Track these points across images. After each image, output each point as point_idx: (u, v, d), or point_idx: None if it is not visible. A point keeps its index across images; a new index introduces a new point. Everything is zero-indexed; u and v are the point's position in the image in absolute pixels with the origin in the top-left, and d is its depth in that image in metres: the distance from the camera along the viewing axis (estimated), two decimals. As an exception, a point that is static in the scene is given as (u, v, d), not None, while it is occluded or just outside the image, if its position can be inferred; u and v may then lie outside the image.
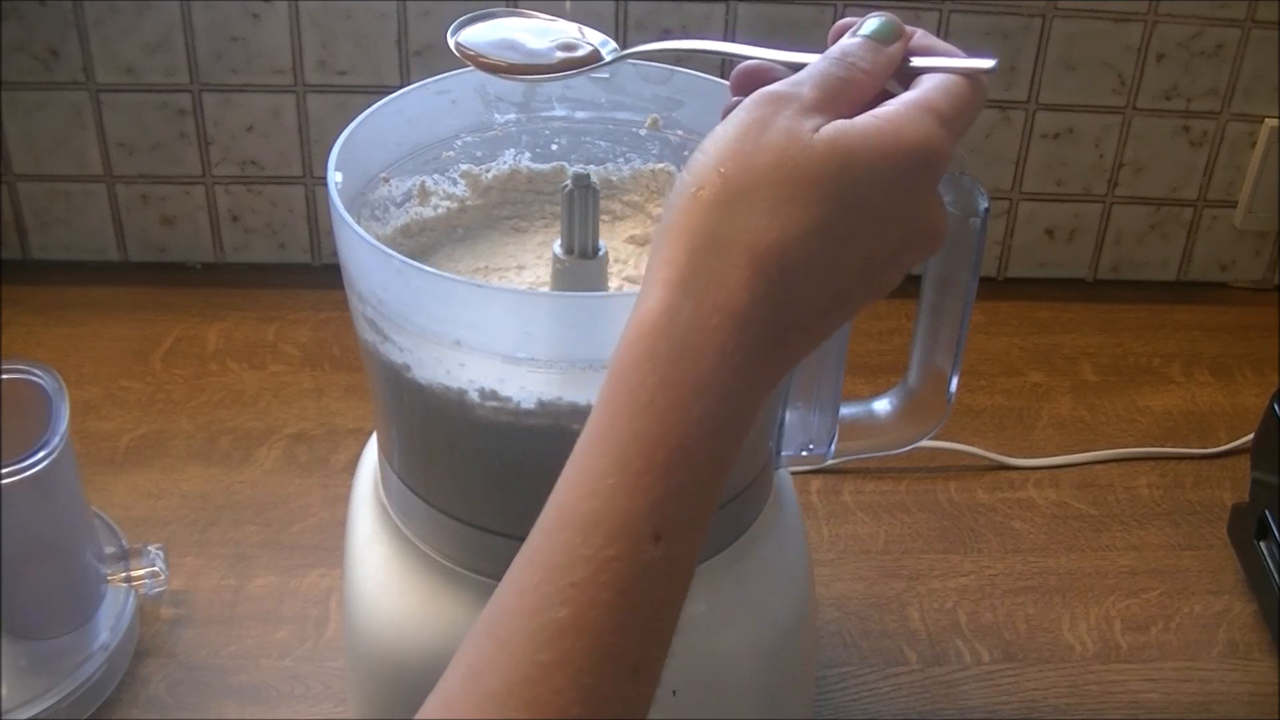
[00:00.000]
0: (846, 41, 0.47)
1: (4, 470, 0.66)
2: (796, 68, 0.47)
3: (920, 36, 0.48)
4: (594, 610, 0.37)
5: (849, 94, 0.44)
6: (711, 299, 0.40)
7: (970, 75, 0.45)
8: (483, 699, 0.37)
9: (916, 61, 0.47)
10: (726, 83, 0.63)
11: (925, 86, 0.45)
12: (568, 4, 0.51)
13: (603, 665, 0.37)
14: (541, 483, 0.41)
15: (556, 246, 0.57)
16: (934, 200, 0.45)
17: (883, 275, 0.44)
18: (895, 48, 0.46)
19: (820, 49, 0.48)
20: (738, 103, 0.46)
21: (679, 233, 0.41)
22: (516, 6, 0.70)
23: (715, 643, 0.59)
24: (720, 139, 0.43)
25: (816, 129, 0.42)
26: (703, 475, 0.39)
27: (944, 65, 0.46)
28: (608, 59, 0.56)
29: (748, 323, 0.40)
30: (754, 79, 0.48)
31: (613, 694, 0.37)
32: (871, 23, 0.47)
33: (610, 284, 0.59)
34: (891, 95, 0.46)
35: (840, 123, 0.43)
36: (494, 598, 0.39)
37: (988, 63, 0.46)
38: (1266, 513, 0.81)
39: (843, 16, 1.01)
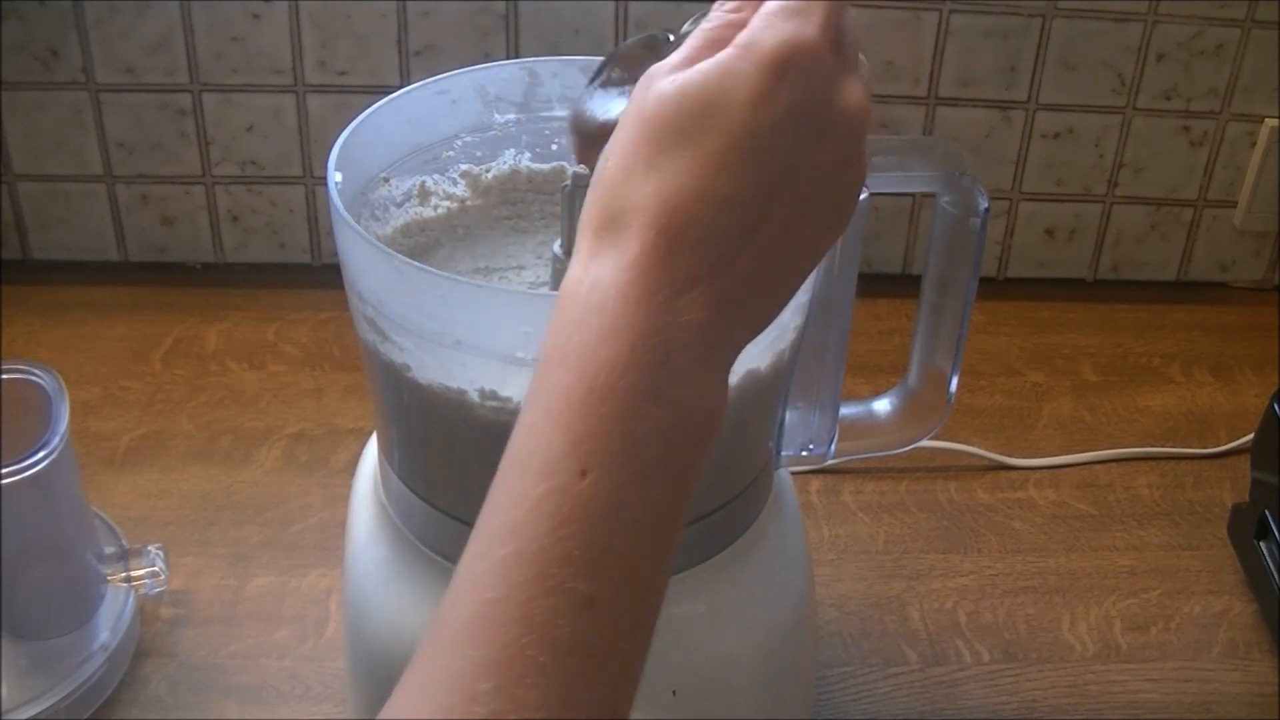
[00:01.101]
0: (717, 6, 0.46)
1: (4, 470, 0.66)
2: None
3: None
4: (533, 543, 0.38)
5: (722, 40, 0.43)
6: (613, 260, 0.41)
7: None
8: (440, 644, 0.38)
9: None
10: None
11: None
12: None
13: (550, 598, 0.37)
14: (541, 483, 0.41)
15: (556, 246, 0.57)
16: (832, 95, 0.42)
17: (823, 200, 0.43)
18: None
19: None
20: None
21: (586, 214, 0.43)
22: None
23: (715, 643, 0.59)
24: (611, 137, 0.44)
25: (671, 78, 0.42)
26: (624, 408, 0.39)
27: None
28: None
29: (648, 272, 0.40)
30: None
31: (568, 629, 0.37)
32: None
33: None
34: None
35: (693, 67, 0.42)
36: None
37: None
38: (1266, 513, 0.81)
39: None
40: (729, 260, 0.41)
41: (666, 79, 0.42)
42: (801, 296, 0.56)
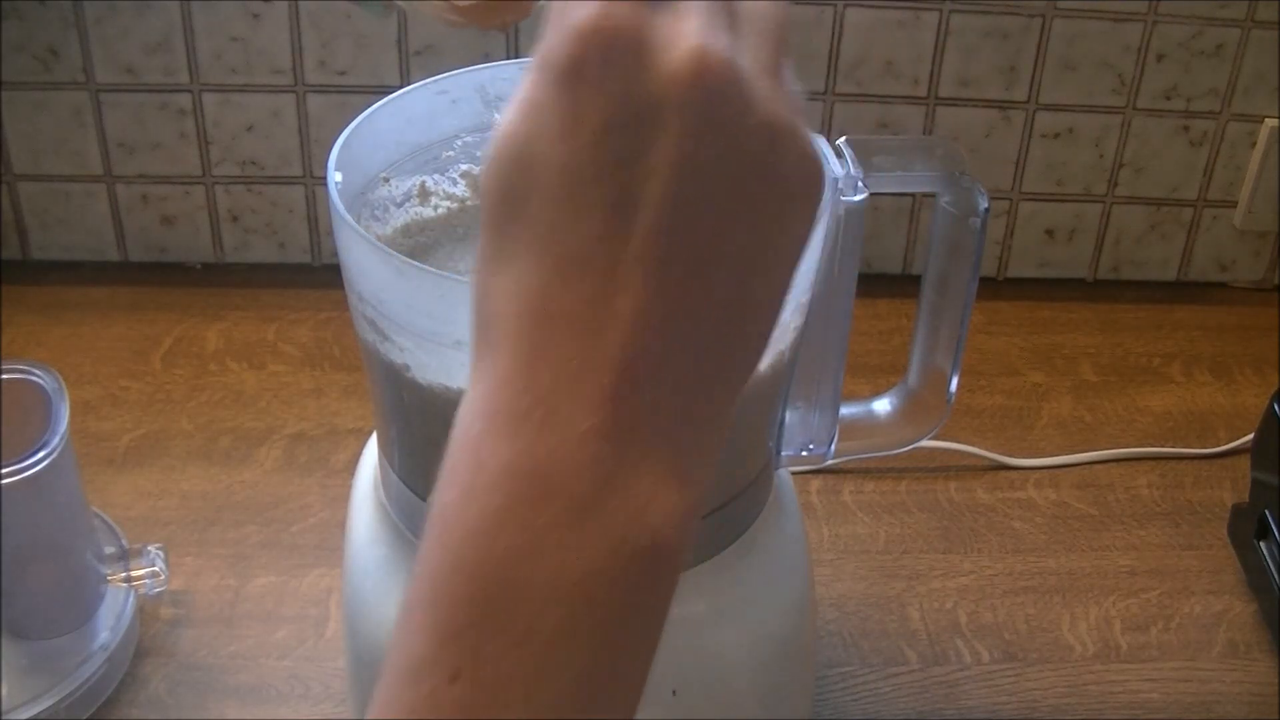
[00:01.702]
0: None
1: (4, 470, 0.66)
2: None
3: None
4: None
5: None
6: (482, 384, 0.33)
7: None
8: None
9: None
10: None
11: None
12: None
13: None
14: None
15: (556, 246, 0.57)
16: (664, 69, 0.31)
17: (711, 191, 0.32)
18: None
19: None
20: None
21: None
22: None
23: (715, 643, 0.59)
24: None
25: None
26: (502, 582, 0.31)
27: None
28: None
29: (516, 382, 0.32)
30: None
31: None
32: None
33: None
34: None
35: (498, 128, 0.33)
36: None
37: None
38: (1266, 513, 0.81)
39: (842, 17, 1.01)
40: (613, 339, 0.31)
41: (490, 145, 0.33)
42: (801, 296, 0.56)
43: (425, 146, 0.64)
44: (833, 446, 0.64)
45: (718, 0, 0.32)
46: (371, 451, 0.66)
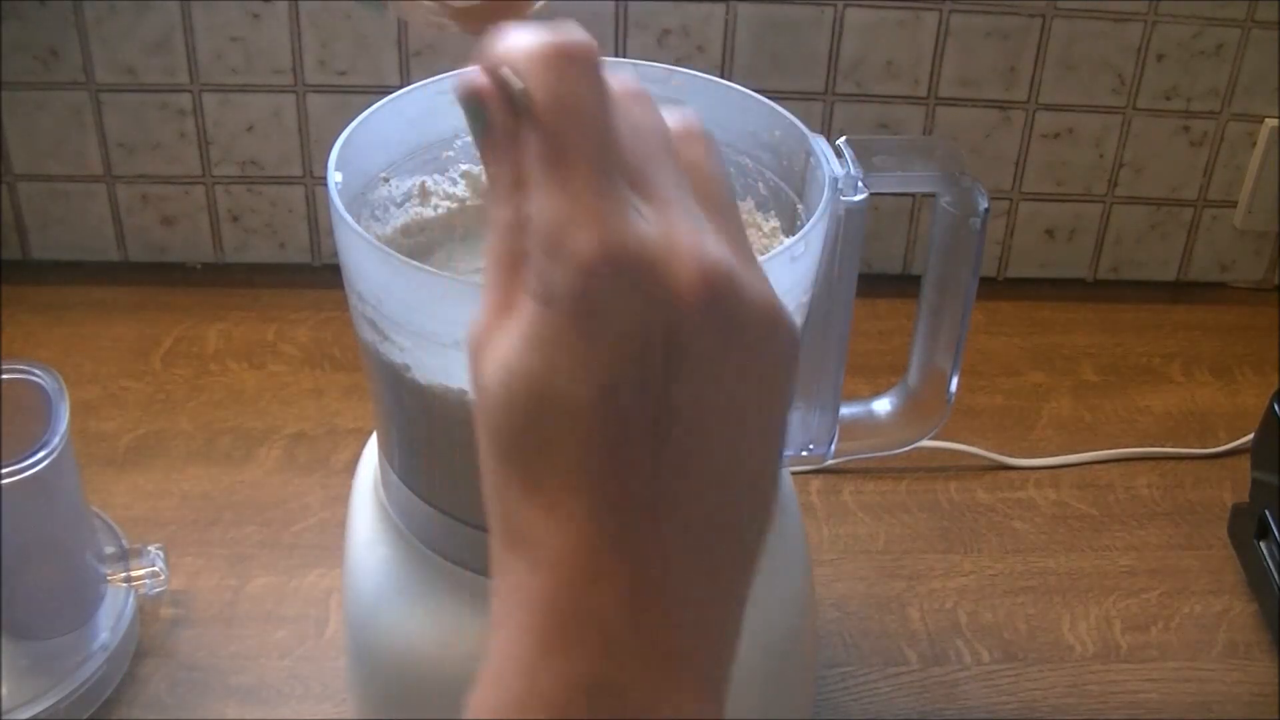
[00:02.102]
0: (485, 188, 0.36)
1: (4, 470, 0.66)
2: None
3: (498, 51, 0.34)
4: None
5: (521, 250, 0.33)
6: (516, 620, 0.33)
7: (546, 105, 0.32)
8: None
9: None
10: (726, 83, 0.63)
11: (532, 197, 0.33)
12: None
13: None
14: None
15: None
16: (674, 294, 0.32)
17: (727, 409, 0.33)
18: (499, 128, 0.34)
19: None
20: None
21: (490, 516, 0.36)
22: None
23: (715, 643, 0.59)
24: None
25: (484, 374, 0.33)
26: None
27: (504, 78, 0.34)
28: None
29: (551, 622, 0.33)
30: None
31: None
32: (469, 122, 0.35)
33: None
34: None
35: (495, 355, 0.33)
36: None
37: (513, 78, 0.33)
38: (1266, 513, 0.81)
39: (842, 17, 1.01)
40: (659, 563, 0.33)
41: (491, 370, 0.33)
42: (802, 296, 0.56)
43: (425, 146, 0.64)
44: (833, 446, 0.64)
45: (676, 182, 0.33)
46: (371, 451, 0.66)
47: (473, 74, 0.35)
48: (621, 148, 0.33)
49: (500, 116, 0.34)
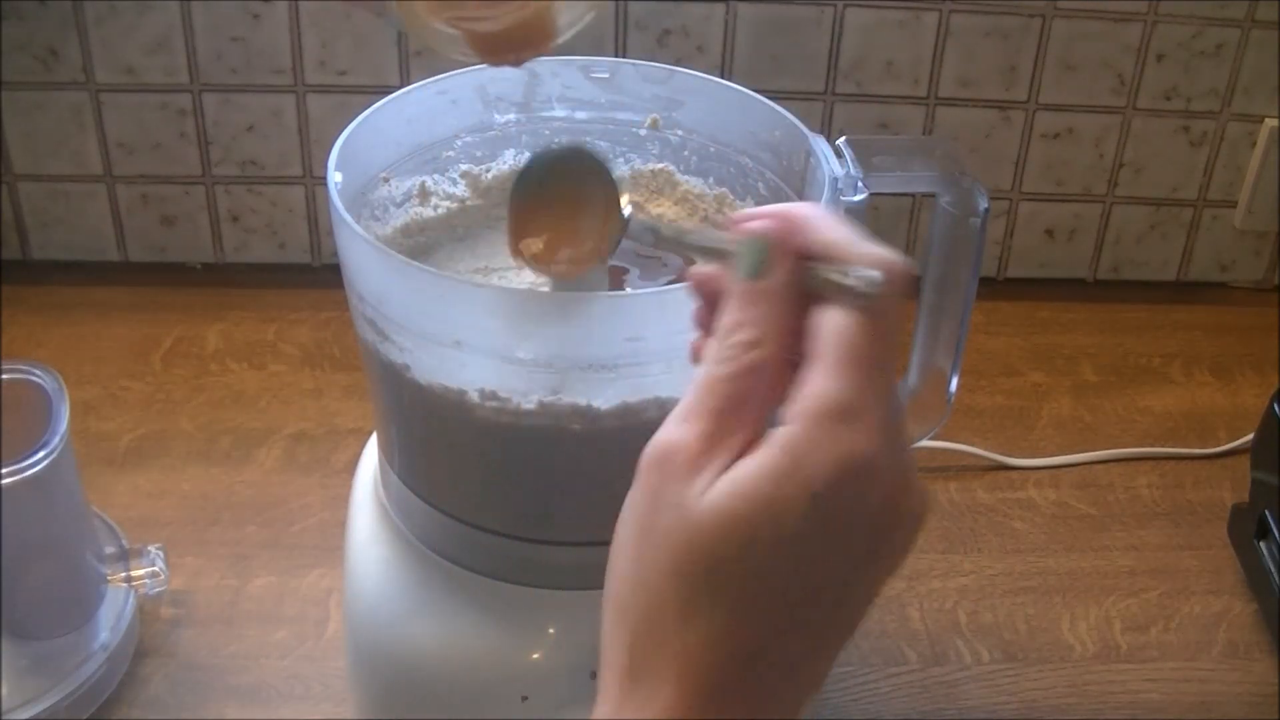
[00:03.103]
0: (721, 326, 0.39)
1: (4, 470, 0.66)
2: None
3: (814, 229, 0.40)
4: None
5: (748, 391, 0.38)
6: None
7: (873, 302, 0.37)
8: None
9: (813, 274, 0.39)
10: (727, 83, 0.63)
11: (818, 367, 0.37)
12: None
13: None
14: (541, 483, 0.41)
15: (556, 246, 0.57)
16: (886, 499, 0.37)
17: (858, 606, 0.39)
18: (775, 283, 0.39)
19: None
20: (696, 311, 0.43)
21: (608, 651, 0.38)
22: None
23: (715, 643, 0.59)
24: (625, 525, 0.39)
25: (704, 489, 0.36)
26: None
27: (834, 279, 0.38)
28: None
29: None
30: (708, 289, 0.42)
31: None
32: (739, 258, 0.39)
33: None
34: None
35: (728, 480, 0.37)
36: None
37: (872, 276, 0.38)
38: (1266, 513, 0.81)
39: (842, 17, 1.01)
40: (757, 697, 0.37)
41: (703, 501, 0.36)
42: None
43: (425, 146, 0.64)
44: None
45: (883, 396, 0.38)
46: (371, 451, 0.66)
47: (767, 223, 0.39)
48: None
49: (785, 275, 0.39)
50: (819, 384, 0.37)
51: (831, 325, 0.38)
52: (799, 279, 0.39)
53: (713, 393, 0.38)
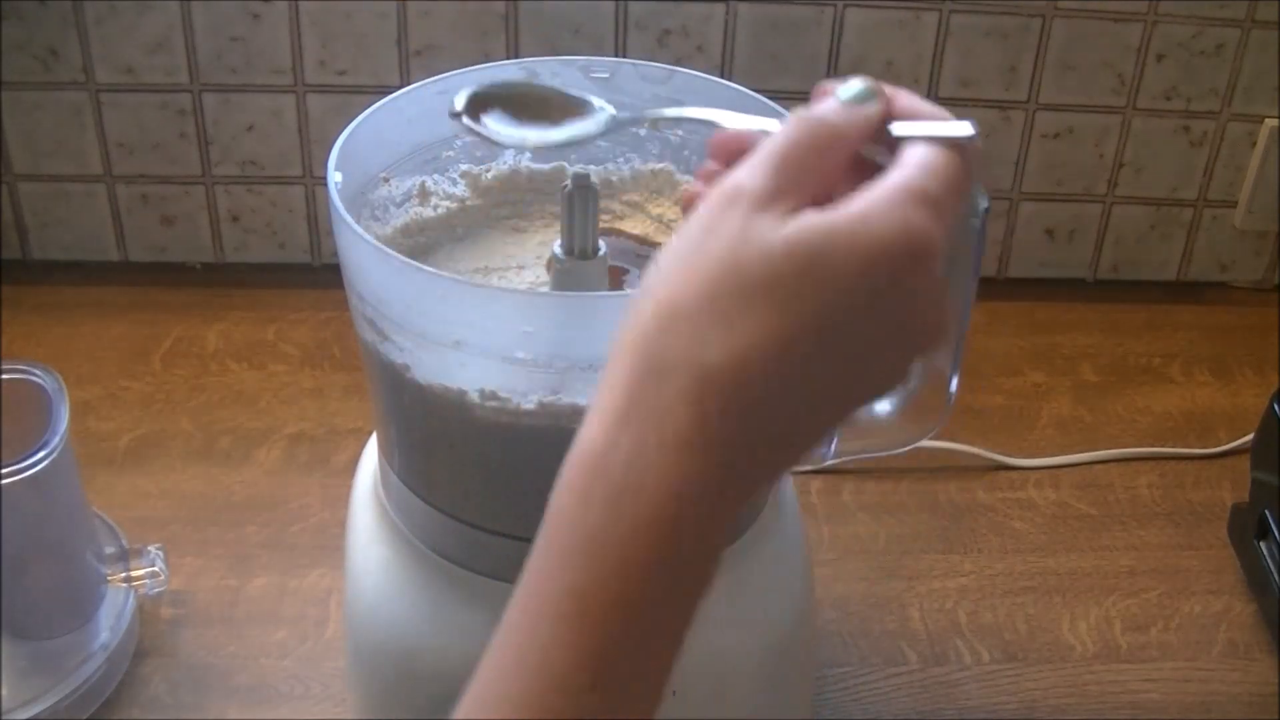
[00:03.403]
0: (816, 107, 0.42)
1: (4, 470, 0.66)
2: None
3: (904, 99, 0.44)
4: None
5: (815, 162, 0.40)
6: (654, 431, 0.37)
7: (956, 145, 0.41)
8: None
9: (896, 128, 0.43)
10: (726, 83, 0.63)
11: (907, 164, 0.40)
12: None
13: None
14: (541, 483, 0.41)
15: (556, 247, 0.57)
16: (926, 293, 0.39)
17: (870, 380, 0.39)
18: (872, 109, 0.42)
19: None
20: (705, 171, 0.44)
21: (623, 356, 0.38)
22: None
23: (715, 643, 0.59)
24: (672, 248, 0.40)
25: (774, 224, 0.38)
26: (648, 621, 0.37)
27: (922, 132, 0.42)
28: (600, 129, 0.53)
29: (697, 454, 0.37)
30: (731, 147, 0.45)
31: None
32: (846, 87, 0.43)
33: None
34: (875, 165, 0.42)
35: (801, 219, 0.38)
36: None
37: (967, 127, 0.42)
38: (1266, 513, 0.81)
39: (842, 17, 1.01)
40: (781, 449, 0.38)
41: (770, 233, 0.38)
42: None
43: (425, 146, 0.64)
44: (833, 447, 0.64)
45: (951, 221, 0.40)
46: (371, 451, 0.66)
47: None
48: None
49: (880, 109, 0.43)
50: (905, 174, 0.39)
51: (922, 149, 0.41)
52: (881, 126, 0.42)
53: (786, 153, 0.40)
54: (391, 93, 0.61)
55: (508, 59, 0.96)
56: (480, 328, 0.52)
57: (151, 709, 0.73)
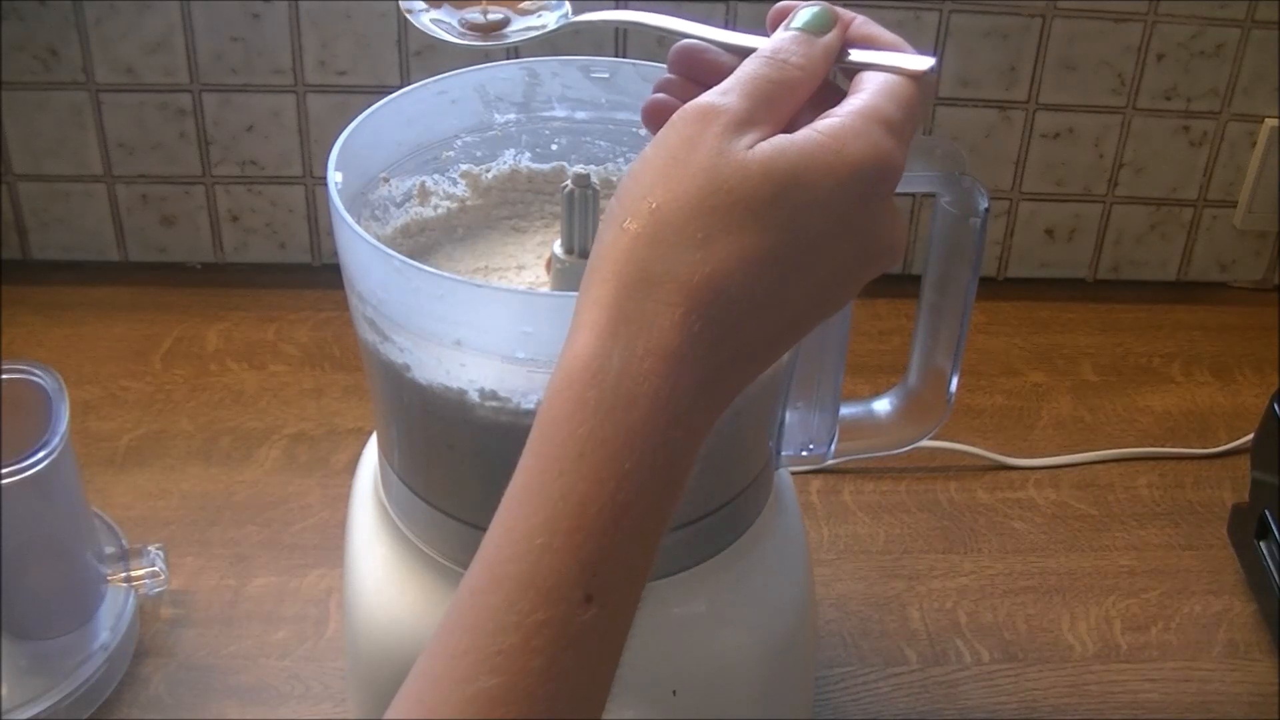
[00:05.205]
0: (777, 37, 0.44)
1: (4, 470, 0.66)
2: (744, 53, 0.45)
3: (860, 24, 0.46)
4: (525, 679, 0.35)
5: (783, 97, 0.42)
6: (643, 342, 0.38)
7: (914, 76, 0.43)
8: None
9: (855, 55, 0.45)
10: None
11: (869, 90, 0.42)
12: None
13: None
14: (541, 483, 0.41)
15: (556, 246, 0.57)
16: (888, 214, 0.42)
17: (835, 296, 0.42)
18: (830, 39, 0.44)
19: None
20: (666, 82, 0.47)
21: (607, 270, 0.39)
22: None
23: (715, 643, 0.59)
24: (647, 163, 0.41)
25: (750, 146, 0.40)
26: (638, 530, 0.37)
27: (883, 63, 0.44)
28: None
29: (684, 365, 0.38)
30: (692, 59, 0.48)
31: None
32: (803, 14, 0.45)
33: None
34: (834, 90, 0.44)
35: (777, 139, 0.40)
36: (423, 658, 0.38)
37: (927, 61, 0.43)
38: (1266, 513, 0.81)
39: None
40: (754, 358, 0.40)
41: (747, 153, 0.40)
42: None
43: (425, 146, 0.64)
44: (833, 446, 0.64)
45: (907, 146, 0.42)
46: (371, 451, 0.66)
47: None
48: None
49: (837, 37, 0.45)
50: (868, 99, 0.42)
51: (882, 77, 0.43)
52: (841, 53, 0.44)
53: (756, 85, 0.42)
54: (391, 93, 0.61)
55: (508, 59, 0.96)
56: (480, 328, 0.52)
57: (151, 709, 0.73)
